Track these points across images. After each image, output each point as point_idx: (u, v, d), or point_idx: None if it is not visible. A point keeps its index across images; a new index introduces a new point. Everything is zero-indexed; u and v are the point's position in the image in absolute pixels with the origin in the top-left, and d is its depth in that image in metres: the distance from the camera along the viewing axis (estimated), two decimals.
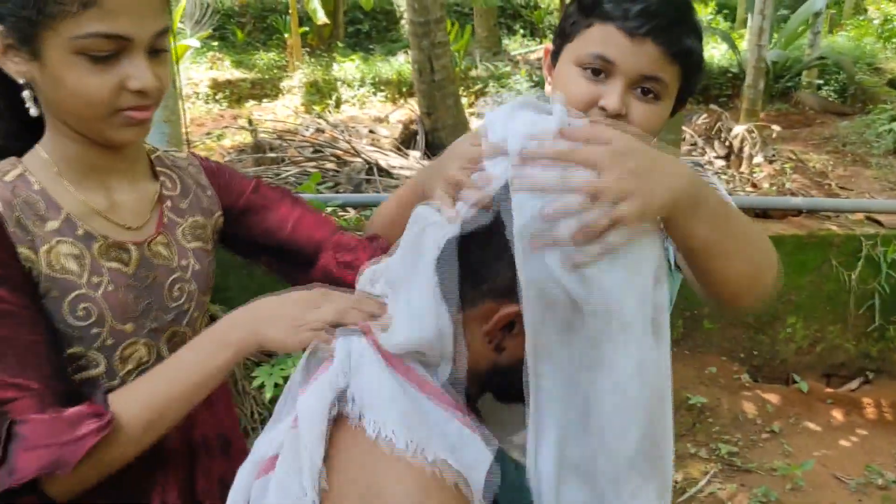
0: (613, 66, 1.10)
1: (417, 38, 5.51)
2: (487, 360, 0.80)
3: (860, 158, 6.49)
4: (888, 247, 3.80)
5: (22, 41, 0.96)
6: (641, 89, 1.12)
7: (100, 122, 1.00)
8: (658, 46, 1.08)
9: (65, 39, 0.93)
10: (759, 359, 3.99)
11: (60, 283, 1.01)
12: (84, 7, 0.92)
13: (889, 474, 3.28)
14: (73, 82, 0.96)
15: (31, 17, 0.93)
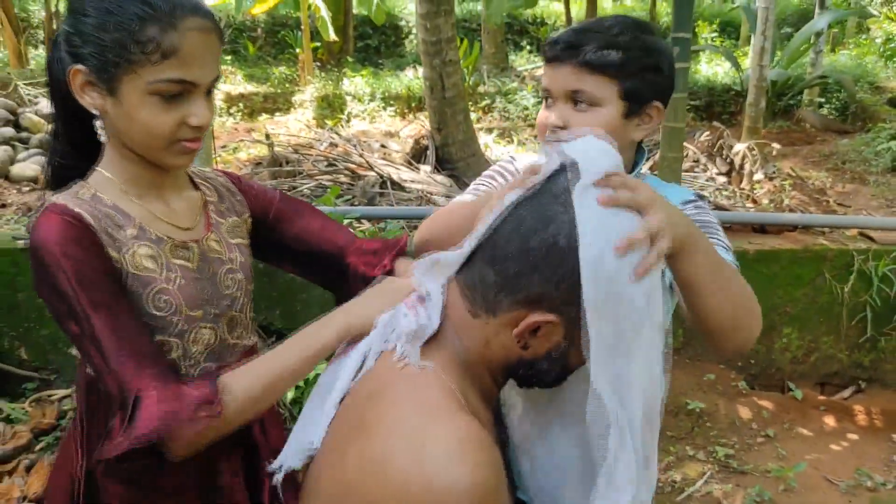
0: (550, 91, 1.38)
1: (429, 57, 5.69)
2: (515, 355, 0.97)
3: (859, 176, 6.64)
4: (879, 261, 3.96)
5: (101, 80, 1.13)
6: (574, 102, 1.36)
7: (161, 151, 1.18)
8: (568, 66, 1.33)
9: (144, 82, 1.11)
10: (756, 367, 4.15)
11: (143, 280, 1.19)
12: (164, 57, 1.10)
13: (878, 477, 3.43)
14: (144, 117, 1.13)
15: (116, 62, 1.10)
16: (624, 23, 1.34)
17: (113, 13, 1.09)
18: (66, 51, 1.15)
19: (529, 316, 0.93)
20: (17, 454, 3.20)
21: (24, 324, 3.82)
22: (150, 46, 1.09)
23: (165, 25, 1.09)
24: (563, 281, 0.90)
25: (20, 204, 5.12)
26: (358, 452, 0.89)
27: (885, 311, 4.02)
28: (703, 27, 13.58)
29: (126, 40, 1.09)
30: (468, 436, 0.86)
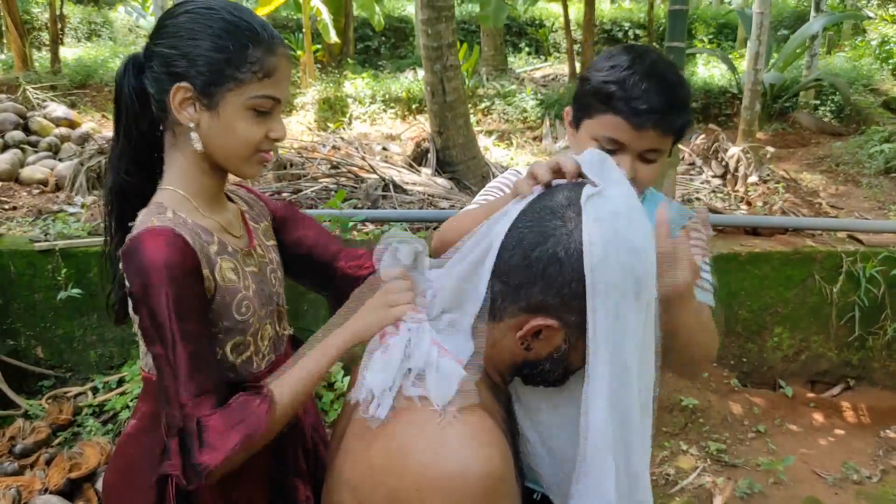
0: (624, 146, 1.46)
1: (430, 62, 5.81)
2: (519, 356, 1.08)
3: (852, 178, 6.73)
4: (867, 263, 4.09)
5: (203, 95, 1.28)
6: (644, 158, 1.47)
7: (245, 160, 1.34)
8: (656, 131, 1.43)
9: (245, 97, 1.27)
10: (748, 365, 4.27)
11: (231, 291, 1.34)
12: (264, 77, 1.28)
13: (864, 471, 3.56)
14: (241, 129, 1.29)
15: (223, 80, 1.27)
16: (675, 72, 1.46)
17: (223, 38, 1.26)
18: (164, 72, 1.28)
19: (531, 321, 1.03)
20: (38, 448, 3.32)
21: (41, 323, 3.94)
22: (256, 66, 1.27)
23: (266, 50, 1.28)
24: (562, 289, 1.01)
25: (30, 206, 5.23)
26: (382, 443, 1.01)
27: (873, 311, 4.15)
28: (700, 29, 13.69)
29: (237, 60, 1.26)
30: (481, 429, 0.98)
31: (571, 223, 1.01)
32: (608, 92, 1.44)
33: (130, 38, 12.47)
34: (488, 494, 0.94)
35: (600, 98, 1.45)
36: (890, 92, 9.37)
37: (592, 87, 1.48)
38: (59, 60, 9.25)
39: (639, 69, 1.43)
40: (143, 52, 1.34)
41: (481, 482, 0.94)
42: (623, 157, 1.46)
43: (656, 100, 1.40)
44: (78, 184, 5.65)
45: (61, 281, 3.83)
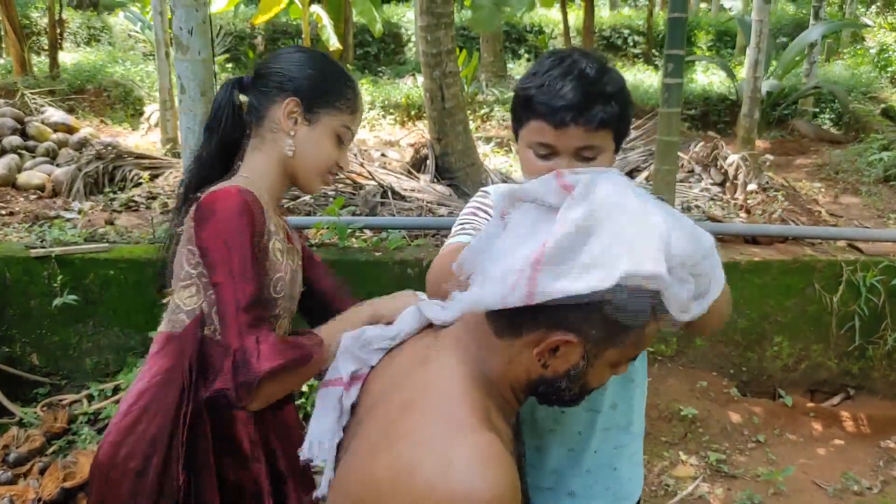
0: (554, 148, 1.43)
1: (430, 69, 5.80)
2: (536, 373, 1.06)
3: (851, 186, 6.74)
4: (867, 272, 4.07)
5: (307, 112, 1.57)
6: (582, 157, 1.43)
7: (315, 175, 1.62)
8: (580, 127, 1.39)
9: (335, 124, 1.59)
10: (748, 374, 4.25)
11: (275, 266, 1.54)
12: (352, 113, 1.62)
13: (864, 481, 3.54)
14: (325, 147, 1.60)
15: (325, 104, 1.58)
16: (599, 66, 1.42)
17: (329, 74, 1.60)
18: (275, 88, 1.57)
19: (550, 336, 1.01)
20: (32, 457, 3.29)
21: (37, 330, 3.92)
22: (349, 103, 1.60)
23: (356, 95, 1.63)
24: (580, 303, 0.97)
25: (27, 212, 5.22)
26: (388, 459, 0.98)
27: (873, 320, 4.13)
28: (699, 37, 13.72)
29: (337, 93, 1.59)
30: (490, 452, 0.95)
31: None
32: (527, 97, 1.43)
33: (129, 44, 12.47)
34: None
35: (522, 105, 1.45)
36: (889, 100, 9.39)
37: (517, 95, 1.47)
38: (58, 65, 9.25)
39: (556, 71, 1.41)
40: (252, 75, 1.64)
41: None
42: (558, 160, 1.43)
43: (572, 95, 1.37)
44: (75, 189, 5.64)
45: (57, 288, 3.81)
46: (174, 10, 3.12)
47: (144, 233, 4.47)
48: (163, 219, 4.94)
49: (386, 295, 1.54)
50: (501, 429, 1.06)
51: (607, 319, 0.98)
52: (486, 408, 1.04)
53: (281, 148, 1.58)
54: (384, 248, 4.12)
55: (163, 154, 6.94)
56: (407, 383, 1.10)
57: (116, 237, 4.29)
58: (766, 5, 6.73)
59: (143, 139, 8.10)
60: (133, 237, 4.35)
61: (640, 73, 11.92)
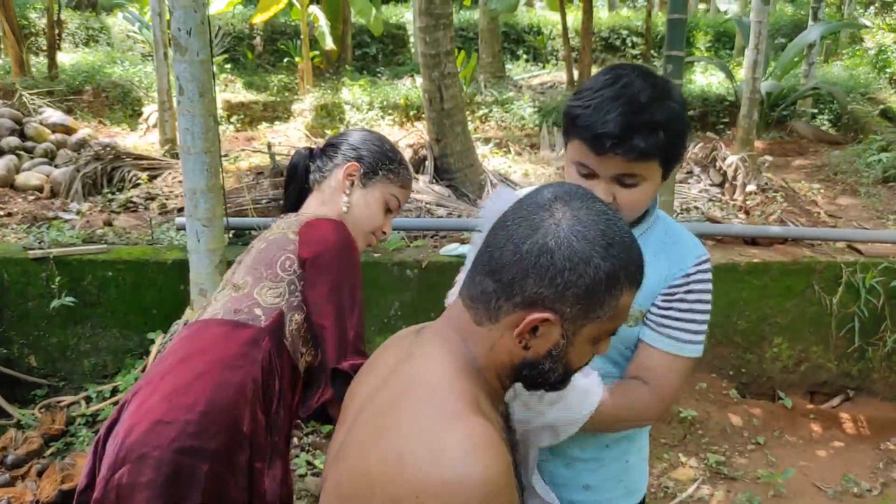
0: (593, 171, 1.42)
1: (428, 69, 5.78)
2: (518, 356, 1.07)
3: (850, 187, 6.72)
4: (867, 273, 4.07)
5: (365, 177, 1.83)
6: (622, 182, 1.41)
7: (360, 233, 1.82)
8: (621, 157, 1.36)
9: (387, 191, 1.84)
10: (747, 376, 4.25)
11: None
12: (402, 186, 1.87)
13: (864, 483, 3.54)
14: (374, 210, 1.83)
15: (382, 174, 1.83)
16: (653, 92, 1.37)
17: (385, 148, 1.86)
18: (342, 156, 1.84)
19: (528, 316, 1.02)
20: (29, 459, 3.28)
21: (34, 332, 3.91)
22: (400, 177, 1.86)
23: (407, 172, 1.89)
24: (554, 279, 1.00)
25: (26, 213, 5.20)
26: (379, 453, 0.99)
27: (873, 321, 4.13)
28: (698, 38, 13.71)
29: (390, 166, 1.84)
30: (481, 438, 0.96)
31: (559, 213, 1.03)
32: (574, 116, 1.41)
33: (128, 44, 12.45)
34: (488, 502, 0.93)
35: (569, 122, 1.44)
36: (887, 101, 9.38)
37: (565, 111, 1.46)
38: (57, 66, 9.23)
39: (608, 92, 1.37)
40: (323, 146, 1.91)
41: (481, 489, 0.93)
42: (596, 182, 1.42)
43: (615, 123, 1.34)
44: (73, 190, 5.62)
45: (55, 289, 3.80)
46: (173, 11, 3.11)
47: (143, 234, 4.46)
48: (161, 219, 4.93)
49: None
50: (491, 415, 1.06)
51: (579, 295, 1.00)
52: (475, 394, 1.05)
53: (338, 203, 1.81)
54: (383, 249, 4.11)
55: (161, 155, 6.92)
56: (392, 380, 1.10)
57: (115, 238, 4.28)
58: (765, 6, 6.72)
59: (142, 140, 8.08)
60: (131, 238, 4.34)
61: None
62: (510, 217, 1.07)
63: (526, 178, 6.63)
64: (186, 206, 3.32)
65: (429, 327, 1.18)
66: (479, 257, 1.10)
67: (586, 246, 1.00)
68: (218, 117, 9.46)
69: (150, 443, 1.49)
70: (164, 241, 4.30)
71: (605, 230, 1.02)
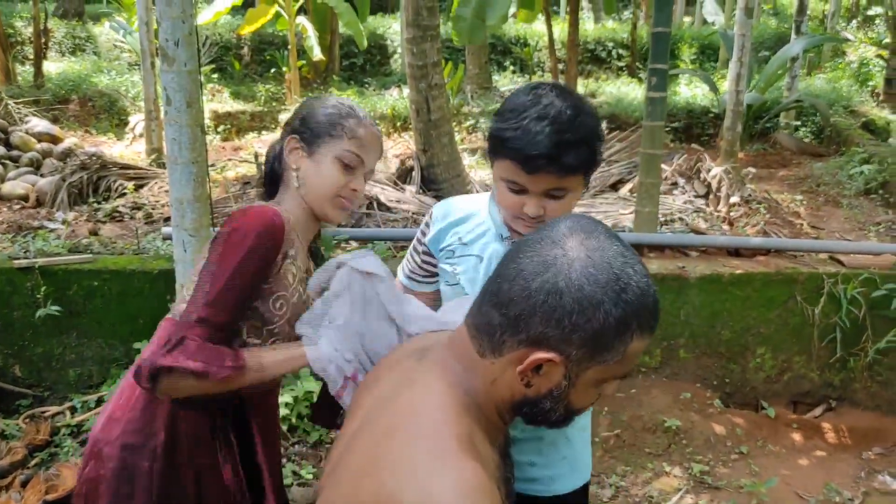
0: (525, 187, 1.50)
1: (415, 80, 5.82)
2: (519, 392, 1.06)
3: (832, 199, 6.79)
4: (848, 284, 4.12)
5: (307, 146, 1.69)
6: (551, 195, 1.51)
7: (326, 200, 1.68)
8: (552, 175, 1.46)
9: (334, 151, 1.68)
10: (731, 386, 4.28)
11: (282, 283, 1.63)
12: (352, 138, 1.68)
13: (846, 493, 3.57)
14: (327, 173, 1.67)
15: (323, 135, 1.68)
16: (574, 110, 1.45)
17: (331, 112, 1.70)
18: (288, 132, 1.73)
19: (532, 354, 1.00)
20: (13, 469, 3.27)
21: (19, 342, 3.89)
22: (347, 130, 1.68)
23: (358, 123, 1.70)
24: (562, 321, 0.98)
25: (10, 222, 5.18)
26: (372, 487, 0.97)
27: (854, 332, 4.18)
28: (683, 50, 13.83)
29: (334, 123, 1.69)
30: (472, 482, 0.94)
31: (573, 252, 1.00)
32: (503, 138, 1.47)
33: (115, 54, 12.42)
34: None
35: (498, 143, 1.50)
36: (869, 114, 9.48)
37: (492, 132, 1.52)
38: (43, 75, 9.20)
39: (532, 112, 1.45)
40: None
41: None
42: (528, 197, 1.50)
43: (545, 143, 1.42)
44: (59, 199, 5.61)
45: (40, 299, 3.79)
46: (160, 21, 3.12)
47: (129, 243, 4.45)
48: (147, 229, 4.93)
49: None
50: (487, 454, 1.05)
51: (586, 339, 0.98)
52: (471, 433, 1.03)
53: (292, 183, 1.71)
54: None
55: (147, 164, 6.91)
56: (392, 407, 1.08)
57: (100, 248, 4.27)
58: (749, 20, 6.79)
59: (128, 149, 8.06)
60: (117, 248, 4.33)
61: (625, 85, 12.00)
62: (523, 249, 1.05)
63: None
64: (173, 216, 3.32)
65: (433, 354, 1.16)
66: (487, 287, 1.08)
67: (598, 290, 0.98)
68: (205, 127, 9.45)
69: (103, 438, 1.62)
70: (150, 250, 4.29)
71: (620, 274, 0.99)
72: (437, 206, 1.81)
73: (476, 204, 1.77)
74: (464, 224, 1.75)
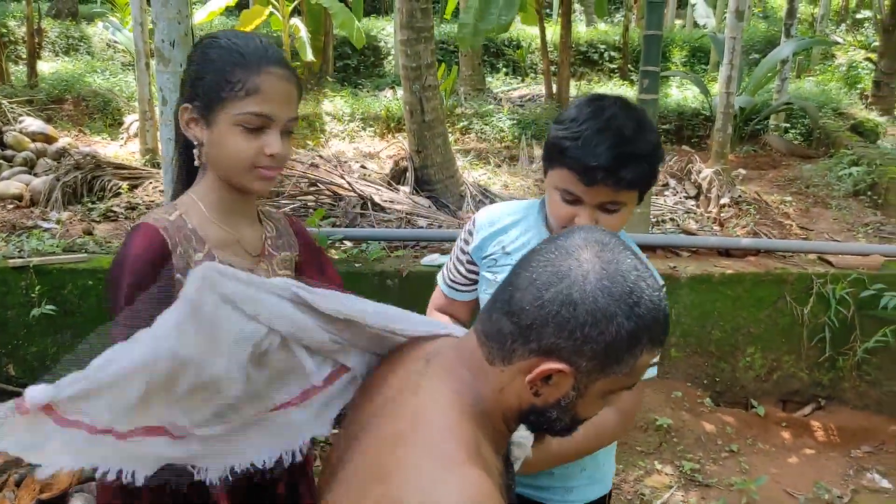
0: (580, 198, 1.50)
1: (409, 82, 5.85)
2: (527, 401, 1.05)
3: (821, 200, 6.85)
4: (837, 285, 4.17)
5: (203, 115, 1.42)
6: (605, 209, 1.51)
7: (242, 174, 1.43)
8: (608, 188, 1.46)
9: (231, 115, 1.39)
10: (721, 385, 4.33)
11: None
12: (248, 94, 1.38)
13: (835, 490, 3.61)
14: (231, 144, 1.40)
15: (212, 99, 1.40)
16: (636, 125, 1.46)
17: (213, 61, 1.40)
18: (181, 96, 1.46)
19: (542, 364, 1.00)
20: (7, 469, 3.27)
21: (13, 341, 3.90)
22: (238, 86, 1.37)
23: (251, 71, 1.38)
24: (574, 332, 0.98)
25: (5, 221, 5.18)
26: (377, 495, 0.97)
27: (843, 331, 4.22)
28: (674, 52, 13.91)
29: (220, 81, 1.39)
30: (478, 490, 0.94)
31: (588, 264, 0.99)
32: (562, 147, 1.48)
33: (108, 53, 12.41)
34: None
35: (556, 151, 1.50)
36: (857, 116, 9.56)
37: (551, 140, 1.52)
38: (37, 74, 9.19)
39: (593, 124, 1.45)
40: None
41: None
42: (581, 208, 1.51)
43: (606, 156, 1.42)
44: (53, 199, 5.61)
45: (35, 298, 3.80)
46: (157, 22, 3.14)
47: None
48: None
49: None
50: (491, 461, 1.05)
51: (598, 351, 0.98)
52: (477, 441, 1.03)
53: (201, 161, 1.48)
54: (364, 260, 4.15)
55: (142, 164, 6.92)
56: (398, 412, 1.08)
57: (95, 247, 4.28)
58: (739, 23, 6.85)
59: (122, 149, 8.06)
60: (112, 247, 4.34)
61: (616, 87, 12.07)
62: (535, 258, 1.04)
63: (505, 190, 6.71)
64: None
65: (440, 359, 1.14)
66: (498, 294, 1.08)
67: (612, 303, 0.97)
68: None
69: None
70: None
71: (634, 288, 0.98)
72: (481, 214, 1.78)
73: (521, 212, 1.75)
74: (508, 233, 1.73)
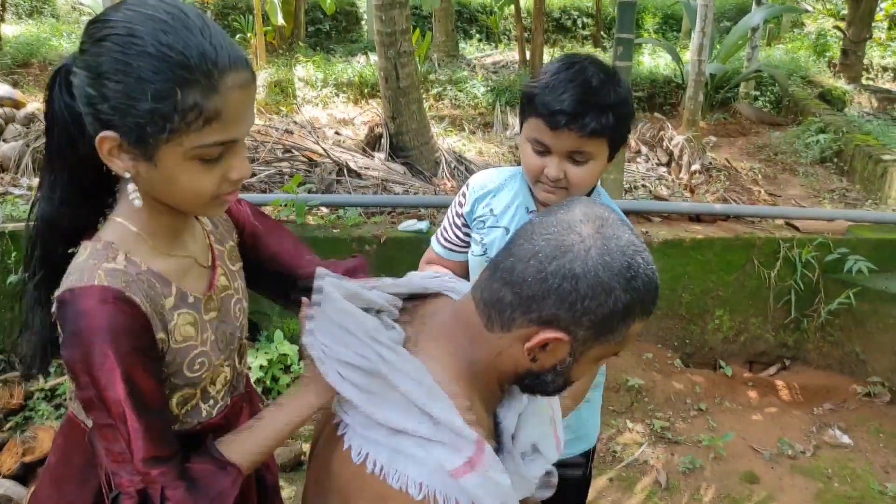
0: (548, 147, 1.57)
1: (384, 48, 5.83)
2: (524, 366, 1.10)
3: (789, 167, 6.98)
4: (803, 249, 4.28)
5: (136, 146, 1.05)
6: (573, 159, 1.57)
7: (201, 207, 1.16)
8: (574, 132, 1.52)
9: (185, 149, 1.05)
10: (690, 346, 4.45)
11: (184, 351, 1.21)
12: (207, 123, 1.04)
13: (798, 446, 3.76)
14: (186, 181, 1.09)
15: (154, 132, 1.03)
16: (604, 77, 1.53)
17: (147, 80, 1.00)
18: (90, 113, 1.06)
19: (541, 333, 1.04)
20: None
21: None
22: (192, 115, 1.02)
23: (207, 89, 1.02)
24: (574, 305, 1.02)
25: None
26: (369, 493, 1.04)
27: (808, 294, 4.36)
28: (647, 20, 13.94)
29: (166, 110, 1.01)
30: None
31: (590, 239, 1.03)
32: (532, 95, 1.56)
33: (74, 17, 12.16)
34: None
35: (526, 101, 1.58)
36: (825, 84, 9.69)
37: (523, 92, 1.60)
38: (1, 38, 8.99)
39: (563, 75, 1.53)
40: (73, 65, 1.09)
41: None
42: (550, 158, 1.57)
43: (570, 101, 1.50)
44: (24, 165, 5.55)
45: (10, 264, 3.79)
46: None
47: None
48: None
49: None
50: (484, 420, 1.12)
51: (595, 321, 1.03)
52: (470, 400, 1.09)
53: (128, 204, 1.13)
54: (342, 226, 4.18)
55: None
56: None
57: None
58: None
59: None
60: None
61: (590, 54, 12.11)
62: (537, 230, 1.06)
63: (480, 157, 6.74)
64: None
65: (437, 322, 1.18)
66: (498, 262, 1.09)
67: (611, 277, 1.01)
68: None
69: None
70: None
71: (631, 263, 1.02)
72: (474, 178, 1.85)
73: (509, 176, 1.81)
74: (497, 196, 1.79)
